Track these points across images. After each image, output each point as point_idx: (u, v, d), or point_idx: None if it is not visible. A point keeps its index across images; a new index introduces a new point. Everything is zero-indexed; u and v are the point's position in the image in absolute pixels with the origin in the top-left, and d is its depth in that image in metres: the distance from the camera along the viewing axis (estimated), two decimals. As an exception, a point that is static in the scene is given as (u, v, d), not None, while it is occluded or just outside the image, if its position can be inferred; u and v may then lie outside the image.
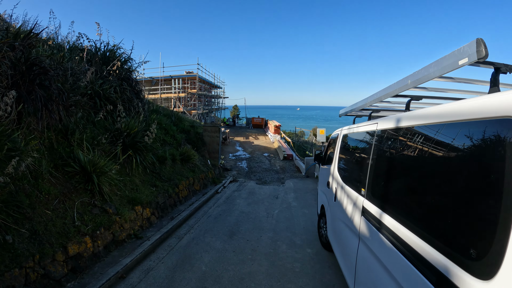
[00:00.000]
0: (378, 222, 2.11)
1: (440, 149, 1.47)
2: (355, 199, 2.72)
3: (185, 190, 9.17)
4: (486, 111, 1.16)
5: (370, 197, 2.37)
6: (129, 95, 10.88)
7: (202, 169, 11.27)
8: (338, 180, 3.54)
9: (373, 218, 2.22)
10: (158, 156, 9.48)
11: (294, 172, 14.32)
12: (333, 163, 4.03)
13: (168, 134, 11.74)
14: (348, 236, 2.86)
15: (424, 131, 1.70)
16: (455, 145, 1.36)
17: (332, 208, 3.73)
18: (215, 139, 13.88)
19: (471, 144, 1.24)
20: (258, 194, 9.59)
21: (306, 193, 9.57)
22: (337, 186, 3.57)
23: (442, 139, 1.45)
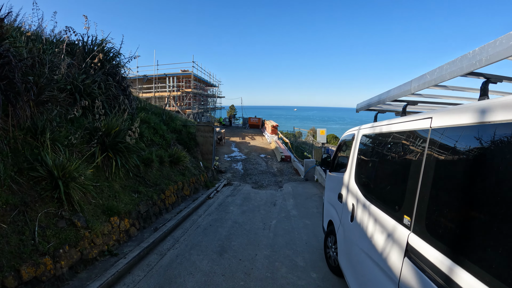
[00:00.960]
0: (446, 280, 1.27)
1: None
2: (391, 229, 1.89)
3: (173, 196, 8.28)
4: None
5: (424, 233, 1.54)
6: (114, 91, 10.02)
7: (193, 172, 10.39)
8: (357, 194, 2.71)
9: (432, 268, 1.39)
10: (144, 158, 8.60)
11: (293, 174, 13.49)
12: (347, 171, 3.20)
13: (157, 134, 10.85)
14: (375, 276, 2.03)
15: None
16: None
17: (347, 229, 2.90)
18: (209, 139, 13.00)
19: None
20: (254, 200, 8.74)
21: (307, 199, 8.73)
22: (355, 203, 2.73)
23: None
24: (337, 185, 3.62)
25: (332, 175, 4.00)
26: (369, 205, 2.38)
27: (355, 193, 2.80)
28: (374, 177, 2.43)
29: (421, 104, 2.90)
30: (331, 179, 4.03)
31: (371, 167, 2.58)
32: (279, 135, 24.57)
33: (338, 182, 3.52)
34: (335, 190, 3.73)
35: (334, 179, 3.88)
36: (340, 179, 3.44)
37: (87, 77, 8.75)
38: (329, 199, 4.04)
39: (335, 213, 3.61)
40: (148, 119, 11.02)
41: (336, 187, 3.70)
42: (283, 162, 16.16)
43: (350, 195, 2.93)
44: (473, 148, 1.29)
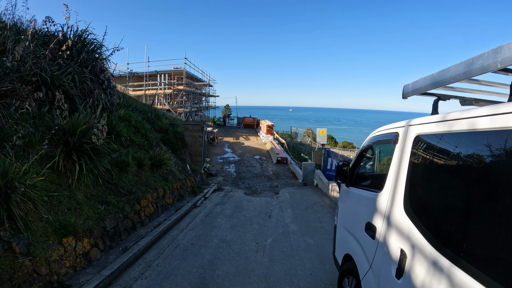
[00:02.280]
0: None
1: None
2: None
3: (151, 206, 7.08)
4: None
5: None
6: (90, 85, 8.80)
7: (178, 176, 9.19)
8: (412, 235, 1.59)
9: None
10: (118, 161, 7.40)
11: (289, 178, 12.36)
12: (386, 191, 2.06)
13: (139, 134, 9.64)
14: None
15: None
16: None
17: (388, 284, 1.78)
18: (198, 139, 11.81)
19: None
20: (246, 209, 7.58)
21: (307, 209, 7.60)
22: (407, 248, 1.60)
23: None
24: (363, 207, 2.49)
25: (352, 191, 2.86)
26: (448, 266, 1.26)
27: (407, 231, 1.68)
28: (461, 213, 1.30)
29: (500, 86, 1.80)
30: (351, 197, 2.89)
31: (446, 192, 1.46)
32: (275, 135, 23.45)
33: (366, 204, 2.40)
34: (358, 215, 2.60)
35: (356, 197, 2.74)
36: (369, 201, 2.31)
37: (60, 68, 7.69)
38: (347, 224, 2.91)
39: (358, 248, 2.48)
40: (128, 117, 9.81)
41: (360, 211, 2.57)
42: (279, 164, 15.04)
43: (395, 232, 1.81)
44: None
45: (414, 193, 1.74)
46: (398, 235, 1.79)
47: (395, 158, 1.99)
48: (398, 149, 1.98)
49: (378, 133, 2.59)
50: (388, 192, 2.03)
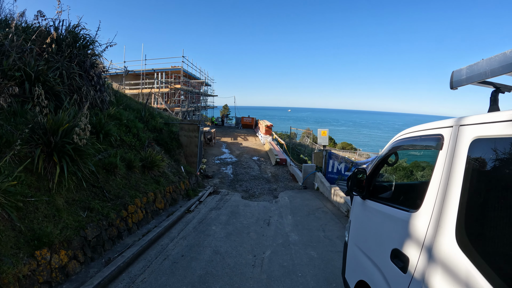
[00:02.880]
0: None
1: None
2: None
3: (140, 212, 6.55)
4: None
5: None
6: (79, 81, 8.31)
7: (171, 178, 8.67)
8: (479, 286, 1.09)
9: None
10: (105, 163, 6.88)
11: (289, 181, 11.86)
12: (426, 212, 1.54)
13: (130, 133, 9.11)
14: None
15: None
16: None
17: None
18: (194, 139, 11.29)
19: None
20: (243, 215, 7.06)
21: (308, 215, 7.09)
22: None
23: None
24: (387, 228, 1.98)
25: (371, 205, 2.34)
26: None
27: (464, 273, 1.18)
28: None
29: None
30: (369, 212, 2.37)
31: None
32: (274, 135, 22.95)
33: (392, 226, 1.89)
34: (379, 236, 2.09)
35: (376, 214, 2.22)
36: (397, 222, 1.80)
37: (47, 63, 7.28)
38: (363, 244, 2.40)
39: (379, 277, 1.98)
40: (119, 115, 9.28)
41: (383, 232, 2.06)
42: (278, 166, 14.54)
43: (442, 272, 1.31)
44: None
45: (475, 219, 1.24)
46: (448, 276, 1.29)
47: (440, 169, 1.49)
48: (444, 156, 1.48)
49: (408, 135, 2.08)
50: (428, 213, 1.52)
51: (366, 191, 2.42)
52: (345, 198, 7.46)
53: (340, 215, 7.12)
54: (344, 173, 11.11)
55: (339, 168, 11.03)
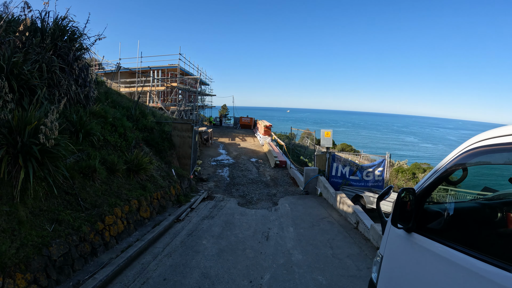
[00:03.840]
0: None
1: None
2: None
3: (120, 223, 5.73)
4: None
5: None
6: (59, 75, 7.54)
7: (160, 183, 7.85)
8: None
9: None
10: (82, 166, 6.06)
11: (289, 185, 11.05)
12: None
13: (116, 132, 8.28)
14: None
15: None
16: None
17: None
18: (187, 140, 10.47)
19: None
20: (239, 227, 6.25)
21: (312, 227, 6.28)
22: None
23: None
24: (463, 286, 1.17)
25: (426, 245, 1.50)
26: None
27: None
28: None
29: None
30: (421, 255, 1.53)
31: None
32: (273, 136, 22.14)
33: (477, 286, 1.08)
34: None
35: (438, 261, 1.39)
36: (492, 286, 1.00)
37: (26, 56, 6.59)
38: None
39: None
40: (104, 113, 8.46)
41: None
42: (278, 169, 13.73)
43: None
44: None
45: None
46: None
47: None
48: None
49: (493, 141, 1.26)
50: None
51: (413, 220, 1.61)
52: (353, 208, 6.66)
53: (348, 227, 6.31)
54: (349, 177, 10.32)
55: (344, 172, 10.24)
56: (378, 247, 5.17)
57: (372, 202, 7.95)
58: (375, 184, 10.57)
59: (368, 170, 10.49)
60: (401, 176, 20.36)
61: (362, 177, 10.42)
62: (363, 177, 10.42)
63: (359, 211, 6.43)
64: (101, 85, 14.07)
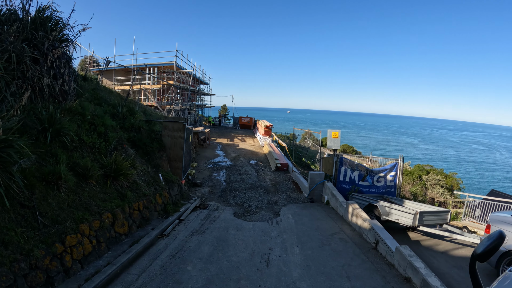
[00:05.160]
0: None
1: None
2: None
3: (87, 243, 4.69)
4: None
5: None
6: (30, 66, 6.59)
7: (144, 190, 6.79)
8: None
9: None
10: (44, 172, 5.03)
11: (292, 191, 10.00)
12: None
13: (95, 132, 7.23)
14: None
15: None
16: None
17: None
18: (179, 140, 9.43)
19: None
20: (233, 246, 5.19)
21: (322, 246, 5.22)
22: None
23: None
24: None
25: None
26: None
27: None
28: None
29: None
30: None
31: None
32: (274, 137, 21.07)
33: None
34: None
35: None
36: None
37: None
38: None
39: None
40: (82, 109, 7.40)
41: None
42: (279, 172, 12.68)
43: None
44: None
45: None
46: None
47: None
48: None
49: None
50: None
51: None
52: (370, 223, 5.61)
53: (364, 247, 5.26)
54: (358, 183, 9.27)
55: (353, 177, 9.19)
56: (406, 277, 4.13)
57: (387, 213, 6.91)
58: (386, 191, 9.52)
59: (379, 174, 9.44)
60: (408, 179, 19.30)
61: (373, 183, 9.37)
62: (374, 182, 9.37)
63: (377, 227, 5.38)
64: (90, 81, 13.05)
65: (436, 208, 7.17)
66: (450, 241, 7.02)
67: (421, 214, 6.41)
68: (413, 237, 7.27)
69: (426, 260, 5.33)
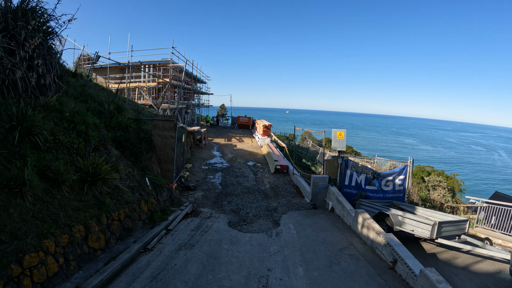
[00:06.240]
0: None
1: None
2: None
3: (52, 262, 3.94)
4: None
5: None
6: (4, 57, 5.82)
7: (126, 197, 6.03)
8: None
9: None
10: (7, 178, 4.27)
11: (293, 195, 9.26)
12: None
13: (74, 131, 6.46)
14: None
15: None
16: None
17: None
18: (169, 140, 8.66)
19: None
20: (226, 265, 4.44)
21: (331, 266, 4.48)
22: None
23: None
24: None
25: None
26: None
27: None
28: None
29: None
30: None
31: None
32: (273, 137, 20.32)
33: None
34: None
35: None
36: None
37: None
38: None
39: None
40: (60, 106, 6.65)
41: None
42: (278, 174, 11.94)
43: None
44: None
45: None
46: None
47: None
48: None
49: None
50: None
51: None
52: (385, 237, 4.87)
53: (380, 266, 4.53)
54: (365, 188, 8.54)
55: (359, 181, 8.45)
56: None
57: (400, 222, 6.19)
58: (395, 195, 8.80)
59: (387, 178, 8.72)
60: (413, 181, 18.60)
61: (381, 187, 8.65)
62: (382, 186, 8.65)
63: (395, 243, 4.66)
64: (80, 77, 12.29)
65: (454, 217, 6.46)
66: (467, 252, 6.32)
67: (440, 225, 5.69)
68: (427, 248, 6.55)
69: (448, 279, 4.61)
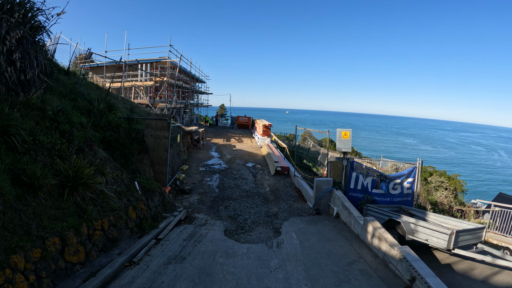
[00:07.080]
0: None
1: None
2: None
3: (21, 280, 3.40)
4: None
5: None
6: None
7: (112, 203, 5.48)
8: None
9: None
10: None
11: (294, 200, 8.72)
12: None
13: (57, 131, 5.92)
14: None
15: None
16: None
17: None
18: (163, 141, 8.12)
19: None
20: (220, 284, 3.90)
21: (340, 285, 3.93)
22: None
23: None
24: None
25: None
26: None
27: None
28: None
29: None
30: None
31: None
32: (273, 137, 19.77)
33: None
34: None
35: None
36: None
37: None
38: None
39: None
40: (42, 103, 6.11)
41: None
42: (279, 176, 11.40)
43: None
44: None
45: None
46: None
47: None
48: None
49: None
50: None
51: None
52: (401, 250, 4.32)
53: (395, 284, 3.99)
54: (372, 191, 8.01)
55: (365, 184, 7.92)
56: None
57: (413, 231, 5.65)
58: (403, 199, 8.26)
59: (395, 181, 8.18)
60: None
61: (388, 191, 8.11)
62: (389, 190, 8.11)
63: (412, 258, 4.13)
64: (74, 75, 11.78)
65: (471, 224, 5.93)
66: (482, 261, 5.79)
67: (457, 234, 5.16)
68: (440, 258, 6.02)
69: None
